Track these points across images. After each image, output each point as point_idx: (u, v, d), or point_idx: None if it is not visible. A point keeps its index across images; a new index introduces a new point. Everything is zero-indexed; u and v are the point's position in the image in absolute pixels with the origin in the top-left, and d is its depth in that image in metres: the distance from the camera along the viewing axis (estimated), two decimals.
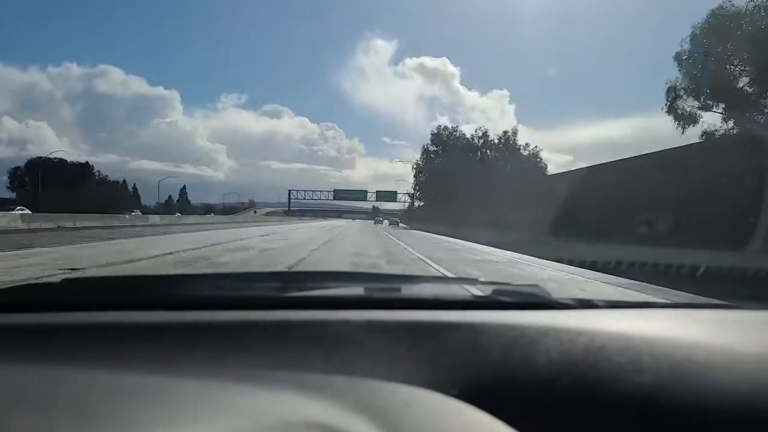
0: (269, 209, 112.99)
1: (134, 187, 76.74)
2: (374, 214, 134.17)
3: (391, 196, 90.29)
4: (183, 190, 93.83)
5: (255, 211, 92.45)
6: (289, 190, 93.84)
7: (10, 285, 0.88)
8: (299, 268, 7.26)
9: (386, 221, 79.23)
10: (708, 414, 0.56)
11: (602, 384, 0.60)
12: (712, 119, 19.57)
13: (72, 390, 0.50)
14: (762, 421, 0.55)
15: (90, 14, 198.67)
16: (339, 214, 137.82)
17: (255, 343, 0.68)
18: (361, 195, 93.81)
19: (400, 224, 62.10)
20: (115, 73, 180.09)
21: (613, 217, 11.22)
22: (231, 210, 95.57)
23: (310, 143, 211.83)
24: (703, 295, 4.44)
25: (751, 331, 0.80)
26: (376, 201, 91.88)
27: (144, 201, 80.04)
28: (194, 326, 0.72)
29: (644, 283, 6.31)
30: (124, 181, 75.19)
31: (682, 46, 19.42)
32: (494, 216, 18.54)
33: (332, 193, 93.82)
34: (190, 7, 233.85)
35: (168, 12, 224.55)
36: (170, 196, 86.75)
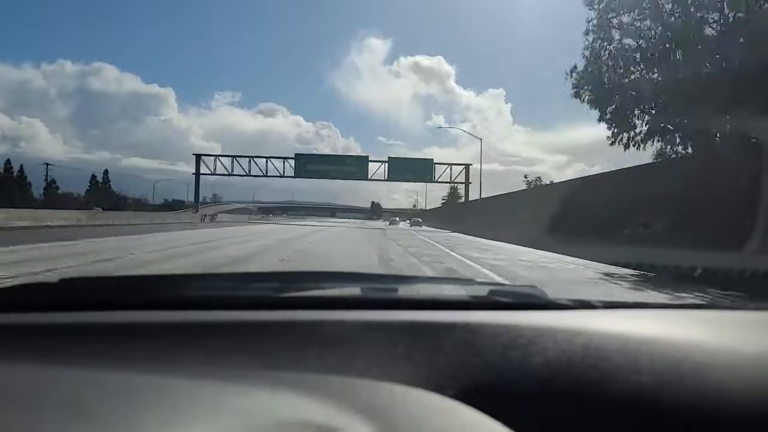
0: (236, 206, 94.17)
1: (21, 171, 60.78)
2: (374, 212, 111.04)
3: (423, 169, 47.11)
4: (98, 179, 72.96)
5: (196, 211, 50.92)
6: (198, 156, 48.91)
7: (7, 285, 0.89)
8: None
9: (403, 222, 62.92)
10: (706, 414, 0.56)
11: (600, 384, 0.61)
12: None
13: (69, 390, 0.51)
14: (761, 422, 0.56)
15: (85, 11, 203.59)
16: (332, 212, 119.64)
17: (252, 342, 0.69)
18: (357, 166, 47.95)
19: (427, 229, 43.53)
20: (110, 71, 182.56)
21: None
22: (174, 206, 72.83)
23: (305, 142, 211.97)
24: None
25: (750, 331, 0.81)
26: (388, 179, 47.73)
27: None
28: (191, 326, 0.73)
29: None
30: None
31: None
32: None
33: (292, 163, 47.90)
34: (185, 4, 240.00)
35: (163, 9, 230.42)
36: (47, 182, 65.27)
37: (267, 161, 50.82)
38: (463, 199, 55.17)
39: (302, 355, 0.66)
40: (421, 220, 57.54)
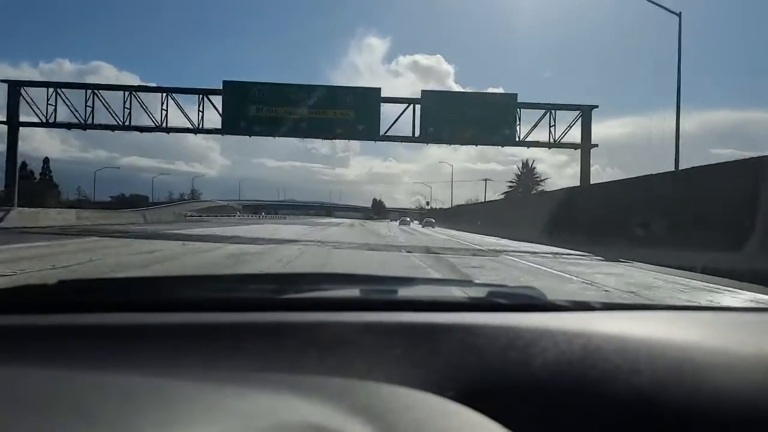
0: (219, 203, 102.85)
1: None
2: (376, 211, 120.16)
3: (494, 115, 28.05)
4: (31, 170, 75.25)
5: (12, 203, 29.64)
6: (14, 85, 29.15)
7: (5, 286, 0.98)
8: None
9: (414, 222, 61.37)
10: (705, 415, 0.67)
11: (599, 385, 0.72)
12: None
13: (68, 392, 0.58)
14: (759, 422, 0.66)
15: (83, 10, 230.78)
16: (329, 211, 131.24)
17: (251, 344, 0.79)
18: (358, 113, 28.26)
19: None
20: (108, 70, 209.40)
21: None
22: (134, 202, 77.35)
23: (304, 141, 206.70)
24: None
25: (748, 332, 0.95)
26: (420, 138, 29.11)
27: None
28: (190, 328, 0.84)
29: None
30: None
31: None
32: None
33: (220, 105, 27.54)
34: (183, 3, 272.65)
35: (162, 8, 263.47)
36: None
37: (167, 99, 28.81)
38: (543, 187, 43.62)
39: (302, 356, 0.76)
40: (433, 220, 58.97)
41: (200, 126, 29.19)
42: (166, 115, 28.64)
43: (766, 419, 0.67)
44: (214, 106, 28.51)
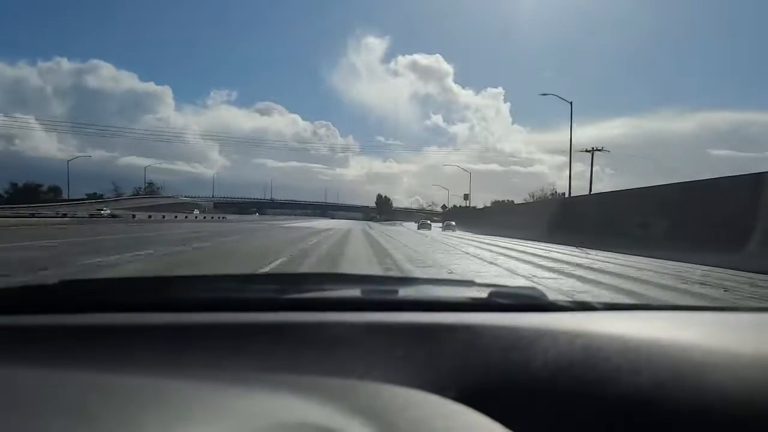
0: (182, 200, 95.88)
1: None
2: (380, 211, 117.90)
3: None
4: None
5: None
6: None
7: (7, 287, 1.02)
8: None
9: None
10: (705, 415, 0.68)
11: (600, 385, 0.72)
12: None
13: (69, 392, 0.59)
14: (759, 422, 0.67)
15: (82, 9, 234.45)
16: (324, 210, 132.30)
17: (251, 344, 0.80)
18: None
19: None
20: (106, 69, 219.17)
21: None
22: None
23: (303, 141, 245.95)
24: None
25: (749, 332, 0.94)
26: None
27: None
28: (191, 328, 0.85)
29: None
30: None
31: None
32: None
33: None
34: (182, 3, 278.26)
35: (161, 7, 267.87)
36: None
37: None
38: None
39: (303, 356, 0.77)
40: (453, 223, 55.21)
41: None
42: None
43: (766, 419, 0.67)
44: None
